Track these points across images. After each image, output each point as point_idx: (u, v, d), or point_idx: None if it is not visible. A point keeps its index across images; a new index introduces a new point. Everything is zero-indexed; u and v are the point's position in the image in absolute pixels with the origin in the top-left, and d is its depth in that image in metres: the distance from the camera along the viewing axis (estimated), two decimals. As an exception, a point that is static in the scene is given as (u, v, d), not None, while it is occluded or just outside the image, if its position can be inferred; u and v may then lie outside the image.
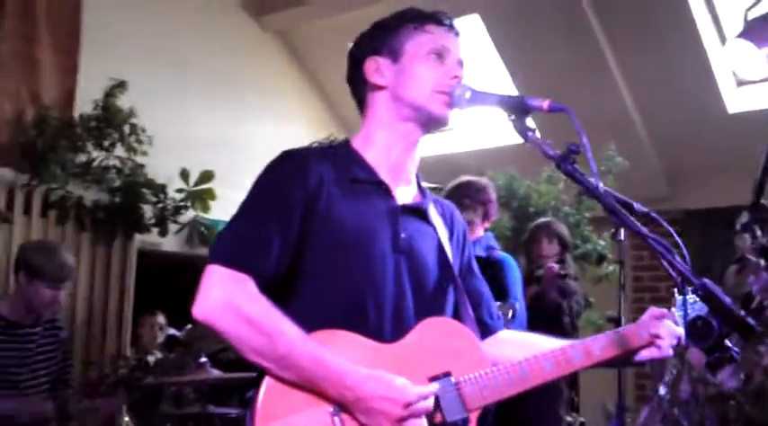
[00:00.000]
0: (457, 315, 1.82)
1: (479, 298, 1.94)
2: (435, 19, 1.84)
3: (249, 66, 6.55)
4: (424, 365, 1.66)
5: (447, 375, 1.66)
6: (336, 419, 1.56)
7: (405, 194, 1.82)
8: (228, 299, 1.55)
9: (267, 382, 1.56)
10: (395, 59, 1.80)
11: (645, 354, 1.83)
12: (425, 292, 1.76)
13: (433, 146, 6.81)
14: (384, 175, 1.79)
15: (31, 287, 3.56)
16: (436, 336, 1.70)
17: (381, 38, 1.83)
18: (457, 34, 1.87)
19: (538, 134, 1.67)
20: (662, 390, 1.68)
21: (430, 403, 1.60)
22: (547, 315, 4.20)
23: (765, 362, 1.51)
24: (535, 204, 5.24)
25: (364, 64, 1.83)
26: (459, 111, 1.80)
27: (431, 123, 1.81)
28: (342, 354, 1.58)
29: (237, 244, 1.62)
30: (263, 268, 1.61)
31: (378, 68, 1.81)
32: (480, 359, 1.72)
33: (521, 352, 1.77)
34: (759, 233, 1.79)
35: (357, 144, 1.83)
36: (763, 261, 1.70)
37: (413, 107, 1.79)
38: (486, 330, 1.91)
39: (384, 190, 1.77)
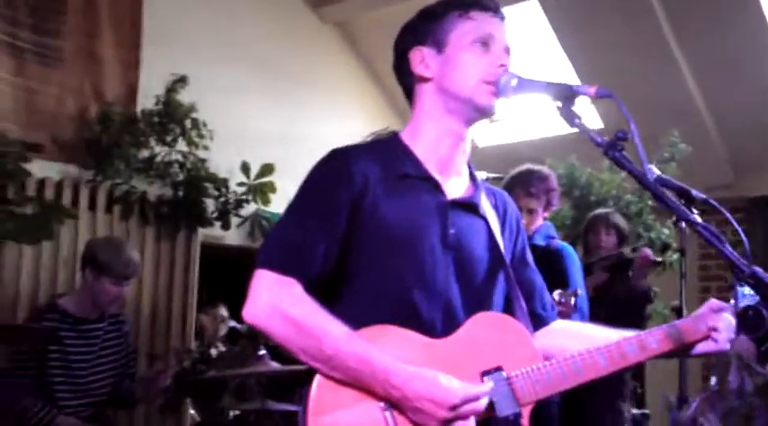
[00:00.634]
0: (509, 309, 1.81)
1: (532, 289, 1.92)
2: (480, 5, 1.79)
3: (308, 59, 6.58)
4: (476, 360, 1.66)
5: (498, 369, 1.66)
6: (388, 414, 1.58)
7: (455, 187, 1.80)
8: (275, 303, 1.58)
9: (318, 379, 1.59)
10: (440, 50, 1.78)
11: (702, 347, 1.79)
12: (476, 287, 1.75)
13: (492, 135, 6.76)
14: (433, 169, 1.78)
15: (98, 283, 3.65)
16: (487, 331, 1.70)
17: (426, 27, 1.81)
18: (502, 19, 1.82)
19: (587, 117, 1.63)
20: (713, 381, 1.63)
21: (482, 403, 1.59)
22: (630, 302, 4.13)
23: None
24: (597, 193, 5.15)
25: (409, 54, 1.81)
26: (508, 100, 1.76)
27: (477, 114, 1.78)
28: (392, 350, 1.59)
29: (283, 248, 1.64)
30: (309, 270, 1.63)
31: (423, 59, 1.79)
32: (532, 354, 1.71)
33: (575, 344, 1.75)
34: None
35: (406, 137, 1.82)
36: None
37: (459, 99, 1.76)
38: (539, 321, 1.89)
39: (433, 185, 1.76)
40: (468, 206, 1.80)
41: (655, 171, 1.61)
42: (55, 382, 3.57)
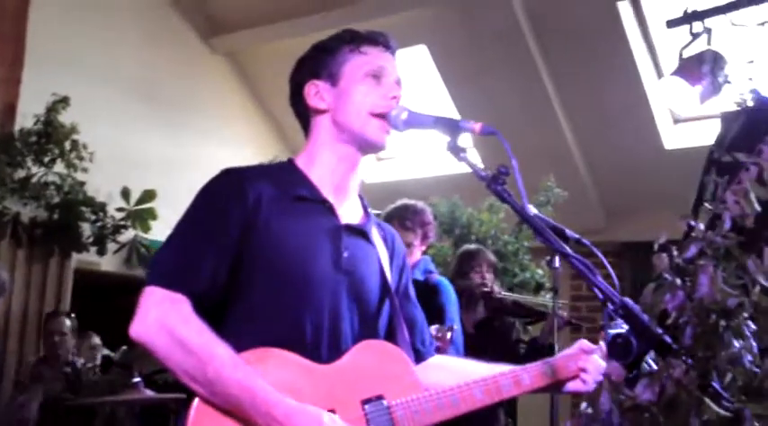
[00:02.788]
0: (392, 338, 1.83)
1: (413, 324, 1.95)
2: (371, 39, 1.85)
3: (197, 87, 6.54)
4: (358, 387, 1.66)
5: (380, 398, 1.67)
6: None
7: (348, 214, 1.82)
8: (163, 320, 1.55)
9: (197, 404, 1.55)
10: (333, 83, 1.81)
11: (571, 386, 1.86)
12: (364, 313, 1.76)
13: (379, 172, 6.88)
14: (328, 194, 1.79)
15: None
16: (371, 359, 1.71)
17: (320, 61, 1.84)
18: (393, 53, 1.88)
19: (471, 155, 1.70)
20: (583, 405, 1.71)
21: None
22: (500, 336, 4.25)
23: (677, 375, 1.56)
24: (476, 232, 5.30)
25: (304, 88, 1.83)
26: (399, 134, 1.82)
27: (368, 147, 1.83)
28: (275, 374, 1.57)
29: (174, 265, 1.62)
30: (197, 287, 1.61)
31: (318, 92, 1.82)
32: (414, 384, 1.73)
33: (452, 379, 1.78)
34: (675, 253, 1.84)
35: (301, 163, 1.83)
36: (679, 280, 1.75)
37: (350, 132, 1.80)
38: (418, 356, 1.92)
39: (328, 209, 1.77)
40: (360, 232, 1.82)
41: (533, 209, 1.70)
42: None
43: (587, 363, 1.83)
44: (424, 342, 1.96)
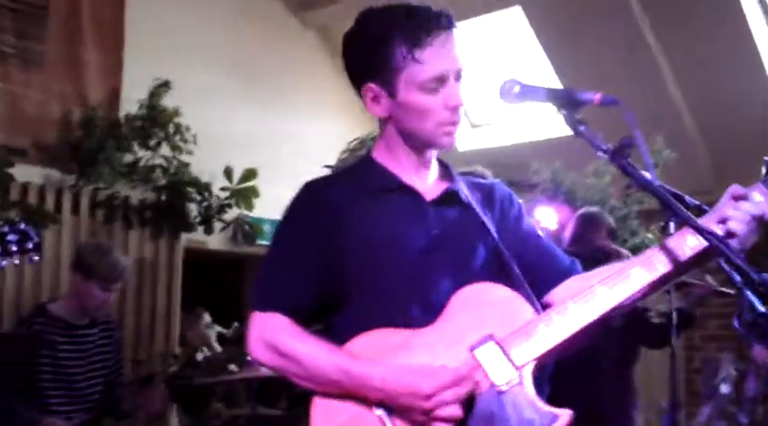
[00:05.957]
0: (506, 283, 1.73)
1: (548, 254, 1.87)
2: (425, 28, 1.70)
3: (291, 63, 6.56)
4: (466, 336, 1.61)
5: (489, 338, 1.61)
6: (386, 418, 1.58)
7: (433, 187, 1.82)
8: (261, 339, 1.69)
9: (315, 402, 1.64)
10: (390, 93, 1.75)
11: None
12: (468, 278, 1.71)
13: (473, 140, 6.78)
14: (408, 178, 1.80)
15: (85, 287, 3.62)
16: (471, 304, 1.66)
17: (372, 59, 1.74)
18: (451, 27, 1.74)
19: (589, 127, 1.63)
20: (724, 388, 1.62)
21: (462, 385, 1.55)
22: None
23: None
24: (581, 198, 5.17)
25: (361, 89, 1.78)
26: (507, 105, 1.76)
27: (439, 150, 1.83)
28: (379, 350, 1.62)
29: (264, 289, 1.75)
30: (293, 304, 1.71)
31: (375, 97, 1.76)
32: (523, 312, 1.64)
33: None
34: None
35: (378, 154, 1.84)
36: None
37: (417, 139, 1.78)
38: (563, 275, 1.82)
39: (410, 192, 1.78)
40: (449, 200, 1.80)
41: (655, 178, 1.62)
42: (48, 388, 3.53)
43: (732, 210, 1.62)
44: (564, 261, 1.86)
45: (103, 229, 5.03)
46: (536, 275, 1.80)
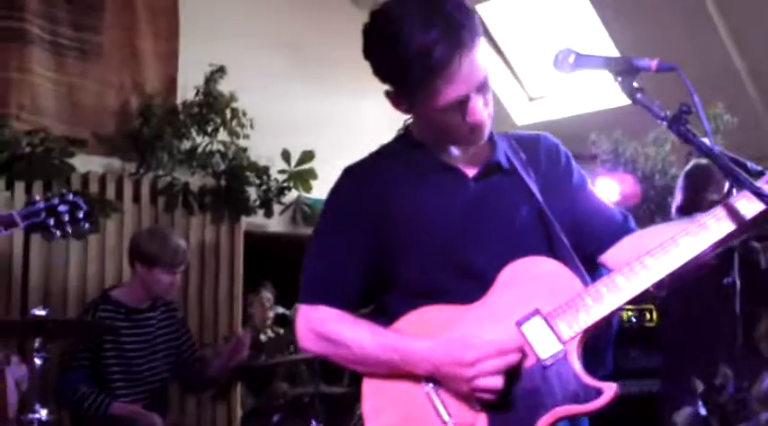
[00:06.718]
0: (554, 252, 1.71)
1: (600, 211, 1.82)
2: (445, 52, 1.58)
3: (344, 45, 6.47)
4: (514, 311, 1.61)
5: (535, 312, 1.59)
6: (432, 393, 1.61)
7: (472, 160, 1.78)
8: (308, 328, 1.74)
9: (365, 383, 1.69)
10: (409, 106, 1.73)
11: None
12: (515, 248, 1.69)
13: (531, 113, 6.68)
14: (447, 156, 1.78)
15: (150, 275, 3.69)
16: (520, 279, 1.65)
17: (389, 69, 1.67)
18: (475, 38, 1.62)
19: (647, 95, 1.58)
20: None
21: (506, 354, 1.55)
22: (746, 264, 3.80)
23: None
24: (642, 167, 5.07)
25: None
26: (563, 75, 1.70)
27: None
28: (429, 326, 1.63)
29: (311, 283, 1.78)
30: (338, 293, 1.74)
31: (396, 102, 1.75)
32: (571, 286, 1.62)
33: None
34: None
35: (416, 131, 1.82)
36: None
37: (443, 141, 1.77)
38: (616, 234, 1.78)
39: (451, 171, 1.76)
40: (489, 172, 1.77)
41: (716, 145, 1.57)
42: (111, 372, 3.62)
43: None
44: (616, 227, 1.80)
45: (165, 216, 5.11)
46: (588, 234, 1.78)
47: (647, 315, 4.31)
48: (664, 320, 4.15)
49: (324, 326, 1.71)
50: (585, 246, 1.76)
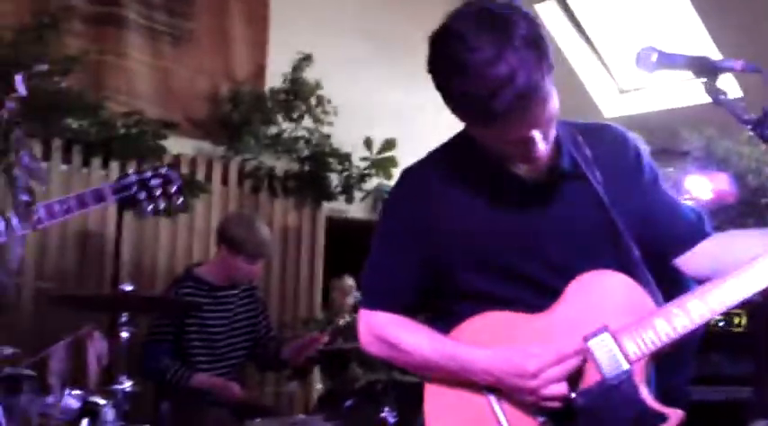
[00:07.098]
0: (622, 263, 1.67)
1: (674, 212, 1.76)
2: (495, 108, 1.49)
3: (426, 32, 6.50)
4: (581, 325, 1.59)
5: (603, 329, 1.57)
6: (495, 403, 1.61)
7: (536, 165, 1.68)
8: (370, 333, 1.78)
9: (426, 389, 1.70)
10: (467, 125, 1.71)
11: None
12: (582, 260, 1.65)
13: (621, 105, 6.54)
14: (508, 161, 1.71)
15: (232, 260, 3.79)
16: (588, 292, 1.62)
17: (449, 100, 1.65)
18: (536, 97, 1.53)
19: (729, 96, 1.55)
20: None
21: (568, 365, 1.55)
22: None
23: None
24: (735, 166, 4.90)
25: None
26: (648, 73, 1.69)
27: None
28: (491, 335, 1.62)
29: (370, 288, 1.82)
30: (395, 300, 1.76)
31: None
32: (642, 303, 1.59)
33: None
34: None
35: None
36: None
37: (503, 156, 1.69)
38: (693, 239, 1.73)
39: (511, 177, 1.70)
40: (552, 177, 1.70)
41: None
42: (192, 346, 3.75)
43: None
44: (690, 229, 1.74)
45: (250, 198, 5.23)
46: (661, 236, 1.73)
47: (736, 320, 4.20)
48: (753, 325, 4.04)
49: (383, 331, 1.74)
50: (658, 248, 1.72)
